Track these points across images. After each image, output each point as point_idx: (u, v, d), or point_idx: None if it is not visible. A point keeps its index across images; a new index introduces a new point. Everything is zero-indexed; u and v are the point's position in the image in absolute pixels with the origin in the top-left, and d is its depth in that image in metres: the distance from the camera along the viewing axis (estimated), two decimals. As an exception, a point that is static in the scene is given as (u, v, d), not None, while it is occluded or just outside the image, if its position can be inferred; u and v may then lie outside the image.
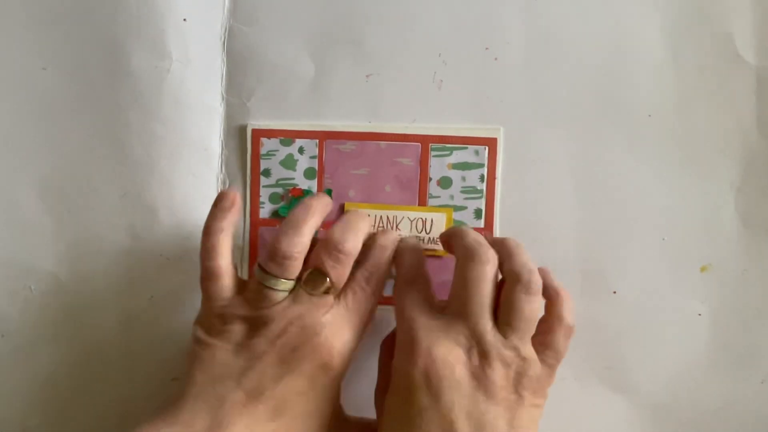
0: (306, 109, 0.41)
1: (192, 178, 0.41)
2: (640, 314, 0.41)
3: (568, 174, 0.41)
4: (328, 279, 0.34)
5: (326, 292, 0.34)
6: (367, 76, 0.41)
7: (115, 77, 0.41)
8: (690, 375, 0.41)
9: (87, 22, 0.41)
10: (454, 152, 0.41)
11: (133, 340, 0.42)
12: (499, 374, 0.32)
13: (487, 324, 0.33)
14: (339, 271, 0.34)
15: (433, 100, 0.41)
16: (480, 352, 0.32)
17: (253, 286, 0.34)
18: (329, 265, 0.34)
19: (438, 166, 0.41)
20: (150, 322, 0.42)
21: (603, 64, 0.40)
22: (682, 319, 0.41)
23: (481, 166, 0.41)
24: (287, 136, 0.41)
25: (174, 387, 0.33)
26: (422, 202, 0.41)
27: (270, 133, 0.41)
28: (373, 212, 0.41)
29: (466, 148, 0.41)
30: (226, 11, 0.41)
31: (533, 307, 0.33)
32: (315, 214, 0.35)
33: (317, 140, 0.41)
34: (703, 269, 0.41)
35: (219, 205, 0.36)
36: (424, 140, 0.41)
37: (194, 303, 0.37)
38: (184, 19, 0.41)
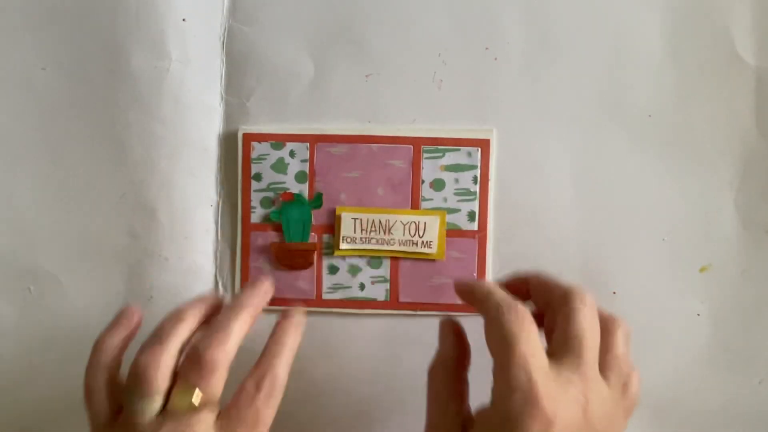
0: (305, 109, 0.41)
1: (192, 179, 0.41)
2: (640, 314, 0.41)
3: (568, 174, 0.41)
4: (197, 394, 0.30)
5: (202, 408, 0.30)
6: (366, 76, 0.41)
7: (115, 77, 0.41)
8: (690, 375, 0.41)
9: (87, 22, 0.41)
10: (447, 154, 0.41)
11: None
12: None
13: (598, 375, 0.30)
14: (209, 384, 0.30)
15: (433, 100, 0.41)
16: (592, 408, 0.29)
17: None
18: (193, 378, 0.30)
19: (430, 168, 0.41)
20: (150, 323, 0.41)
21: (603, 64, 0.40)
22: (682, 319, 0.41)
23: (474, 167, 0.41)
24: (278, 140, 0.41)
25: None
26: (415, 205, 0.41)
27: (261, 137, 0.41)
28: (366, 216, 0.41)
29: (459, 149, 0.41)
30: (225, 11, 0.41)
31: (630, 357, 0.32)
32: (183, 322, 0.32)
33: (308, 143, 0.41)
34: (702, 269, 0.41)
35: (116, 320, 0.34)
36: (416, 142, 0.41)
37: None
38: (184, 19, 0.41)
